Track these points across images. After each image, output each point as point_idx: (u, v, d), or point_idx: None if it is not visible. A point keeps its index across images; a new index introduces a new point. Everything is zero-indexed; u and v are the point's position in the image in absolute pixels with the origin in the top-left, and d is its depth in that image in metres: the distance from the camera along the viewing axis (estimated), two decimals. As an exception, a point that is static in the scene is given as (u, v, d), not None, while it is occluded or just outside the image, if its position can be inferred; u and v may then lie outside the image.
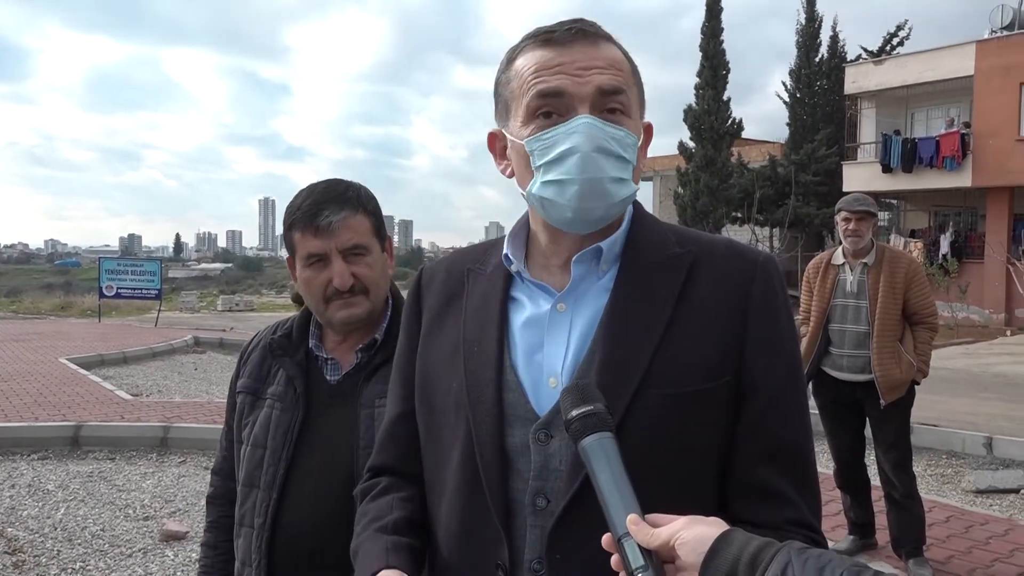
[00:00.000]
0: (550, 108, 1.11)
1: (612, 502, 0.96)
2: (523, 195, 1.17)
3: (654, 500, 0.98)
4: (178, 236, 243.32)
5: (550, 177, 1.11)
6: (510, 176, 1.21)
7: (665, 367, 1.09)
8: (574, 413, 1.01)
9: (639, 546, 0.92)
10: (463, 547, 1.15)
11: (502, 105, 1.19)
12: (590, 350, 1.13)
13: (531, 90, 1.12)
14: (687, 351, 1.11)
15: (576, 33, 1.13)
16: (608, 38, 1.16)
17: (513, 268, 1.21)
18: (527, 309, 1.18)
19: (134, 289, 21.69)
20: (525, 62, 1.15)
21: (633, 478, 0.98)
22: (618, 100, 1.12)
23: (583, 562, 1.06)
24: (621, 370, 1.09)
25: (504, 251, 1.21)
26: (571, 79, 1.10)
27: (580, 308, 1.16)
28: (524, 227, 1.25)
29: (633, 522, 0.93)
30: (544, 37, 1.14)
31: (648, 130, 1.21)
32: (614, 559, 0.94)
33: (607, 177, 1.10)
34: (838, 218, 4.64)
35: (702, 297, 1.14)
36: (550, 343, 1.15)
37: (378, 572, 1.12)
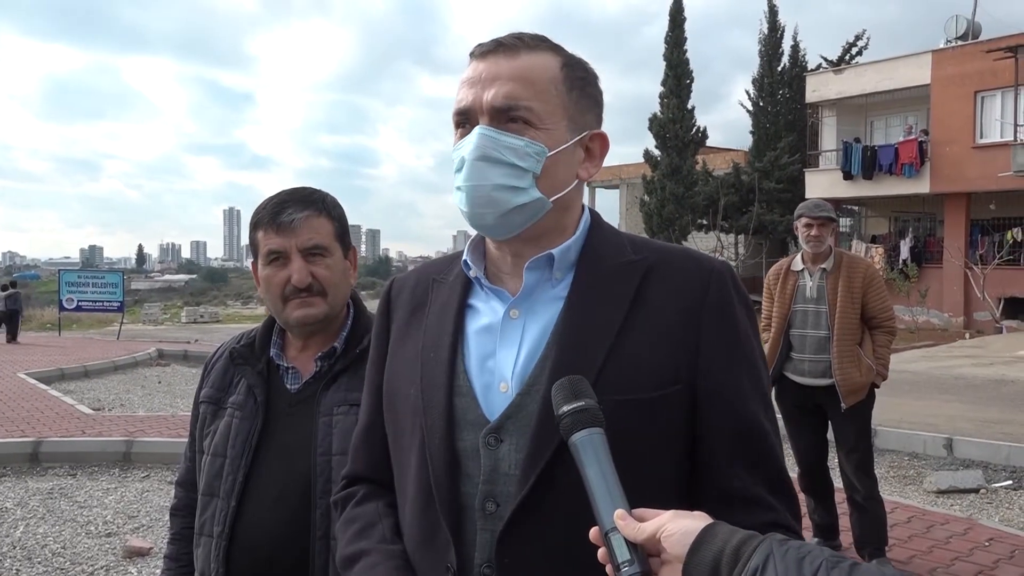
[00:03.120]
0: (463, 120, 1.18)
1: (600, 497, 0.97)
2: None
3: None
4: (141, 247, 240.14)
5: (455, 184, 1.18)
6: None
7: (616, 374, 1.10)
8: (565, 408, 1.01)
9: (625, 540, 0.94)
10: (420, 551, 1.16)
11: None
12: (543, 356, 1.13)
13: (454, 104, 1.19)
14: (639, 358, 1.11)
15: (496, 46, 1.17)
16: (535, 48, 1.17)
17: (471, 273, 1.22)
18: (482, 316, 1.20)
19: (95, 302, 21.36)
20: (462, 75, 1.20)
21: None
22: (516, 113, 1.14)
23: (532, 566, 1.07)
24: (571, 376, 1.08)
25: (463, 258, 1.23)
26: (475, 93, 1.15)
27: (533, 315, 1.17)
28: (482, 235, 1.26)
29: (620, 517, 0.95)
30: (475, 50, 1.19)
31: (600, 140, 1.22)
32: (601, 552, 0.96)
33: (490, 184, 1.13)
34: (799, 224, 4.70)
35: (656, 304, 1.14)
36: (502, 349, 1.16)
37: None
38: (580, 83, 1.19)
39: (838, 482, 4.87)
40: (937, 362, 14.31)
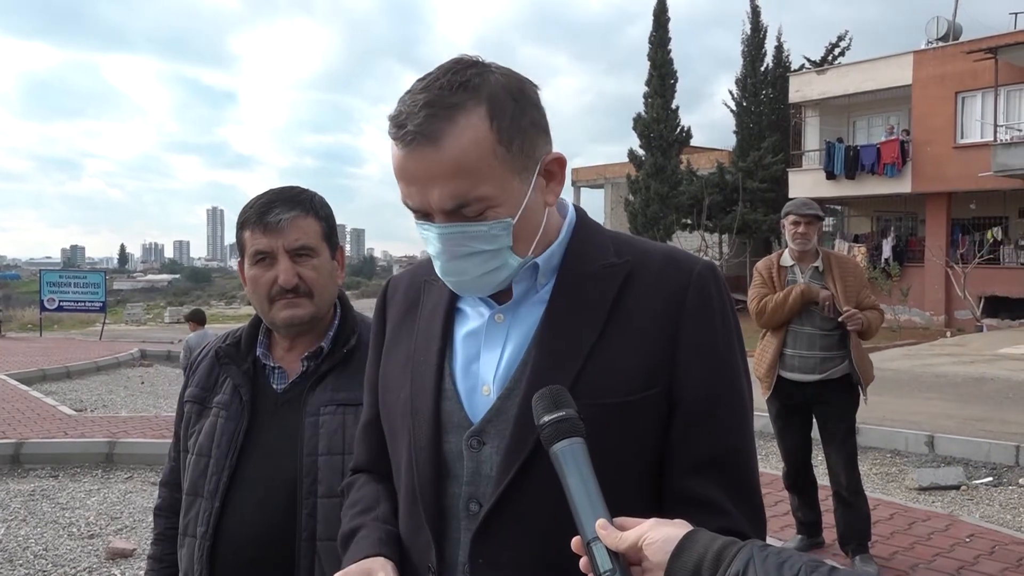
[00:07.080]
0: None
1: (581, 506, 0.97)
2: None
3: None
4: (123, 247, 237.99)
5: (435, 264, 1.15)
6: None
7: (593, 378, 1.09)
8: (546, 419, 1.02)
9: (607, 549, 0.94)
10: (408, 550, 1.20)
11: None
12: (523, 361, 1.14)
13: (400, 191, 1.11)
14: (615, 363, 1.10)
15: (415, 136, 1.04)
16: (454, 116, 1.04)
17: None
18: (470, 320, 1.21)
19: (77, 302, 21.18)
20: (391, 150, 1.09)
21: (560, 487, 0.99)
22: (469, 209, 1.07)
23: (506, 566, 1.09)
24: (550, 381, 1.07)
25: None
26: (420, 193, 1.07)
27: (517, 319, 1.17)
28: None
29: (602, 526, 0.95)
30: (393, 132, 1.08)
31: (559, 163, 1.16)
32: (583, 562, 0.96)
33: (472, 277, 1.12)
34: (786, 222, 4.73)
35: (634, 307, 1.13)
36: (486, 353, 1.17)
37: (370, 557, 1.16)
38: (515, 125, 1.08)
39: (822, 480, 4.91)
40: (919, 360, 14.43)
